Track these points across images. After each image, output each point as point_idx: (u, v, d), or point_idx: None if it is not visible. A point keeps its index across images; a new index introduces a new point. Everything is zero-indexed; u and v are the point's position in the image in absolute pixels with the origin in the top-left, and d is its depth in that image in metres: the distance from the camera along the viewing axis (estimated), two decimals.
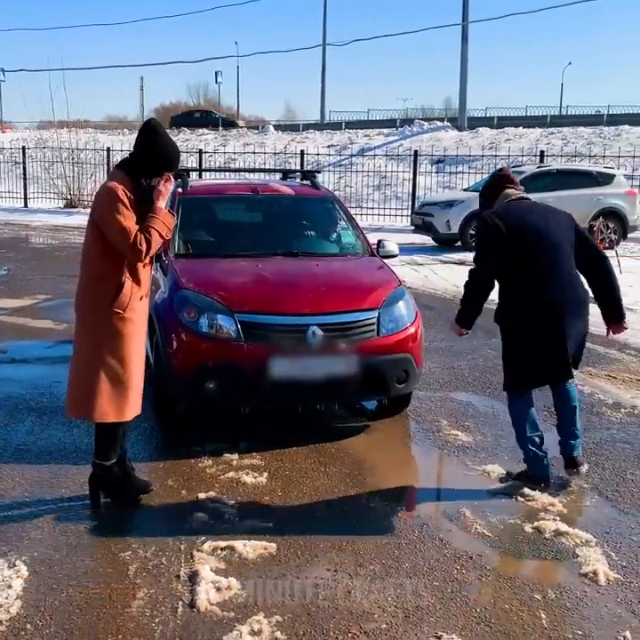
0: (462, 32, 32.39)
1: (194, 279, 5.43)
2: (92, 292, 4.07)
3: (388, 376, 5.23)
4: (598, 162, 20.75)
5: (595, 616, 3.31)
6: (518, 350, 4.50)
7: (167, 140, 4.03)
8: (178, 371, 5.12)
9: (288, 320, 5.09)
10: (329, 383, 5.10)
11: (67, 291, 11.02)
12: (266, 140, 31.54)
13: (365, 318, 5.23)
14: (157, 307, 5.46)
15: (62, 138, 25.58)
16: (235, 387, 5.02)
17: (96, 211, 4.03)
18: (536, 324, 4.40)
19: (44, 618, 3.22)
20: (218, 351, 5.01)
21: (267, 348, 4.98)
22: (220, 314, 5.07)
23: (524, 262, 4.40)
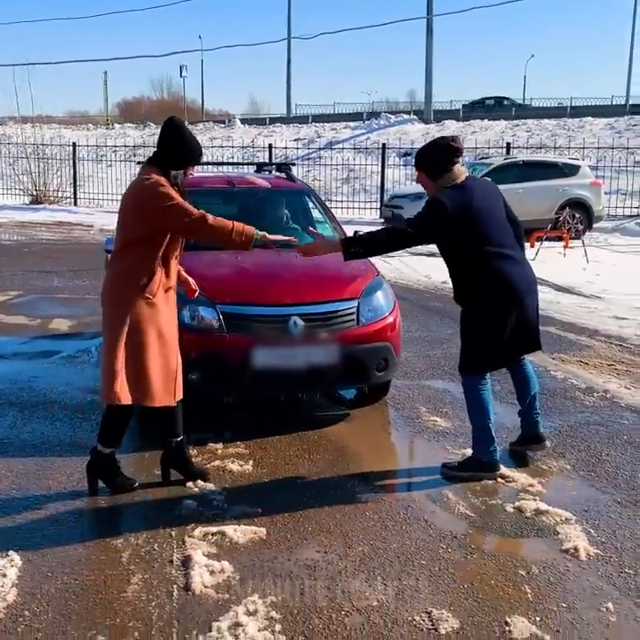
0: (427, 25, 32.59)
1: None
2: (124, 283, 4.11)
3: (368, 364, 5.32)
4: (563, 153, 21.06)
5: (577, 589, 3.43)
6: (486, 329, 4.47)
7: (191, 136, 4.23)
8: None
9: (269, 311, 5.16)
10: (310, 372, 5.17)
11: (38, 286, 11.00)
12: (233, 134, 31.51)
13: (345, 308, 5.32)
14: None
15: (26, 133, 25.30)
16: (218, 377, 5.08)
17: (144, 203, 4.04)
18: (503, 301, 4.41)
19: (41, 604, 3.27)
20: (200, 342, 5.06)
21: (249, 339, 5.04)
22: (202, 305, 5.12)
23: (477, 243, 4.38)
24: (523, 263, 4.59)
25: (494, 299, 4.43)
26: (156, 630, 3.08)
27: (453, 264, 4.55)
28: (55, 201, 24.10)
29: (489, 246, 4.40)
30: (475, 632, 3.09)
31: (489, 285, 4.42)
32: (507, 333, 4.46)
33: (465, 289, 4.54)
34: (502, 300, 4.42)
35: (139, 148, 28.09)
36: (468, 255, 4.44)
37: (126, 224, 4.17)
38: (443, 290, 10.92)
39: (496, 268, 4.40)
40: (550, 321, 8.78)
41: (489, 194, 4.59)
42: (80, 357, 7.22)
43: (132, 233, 4.12)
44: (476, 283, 4.46)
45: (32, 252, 14.90)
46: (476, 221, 4.37)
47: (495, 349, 4.53)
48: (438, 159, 4.49)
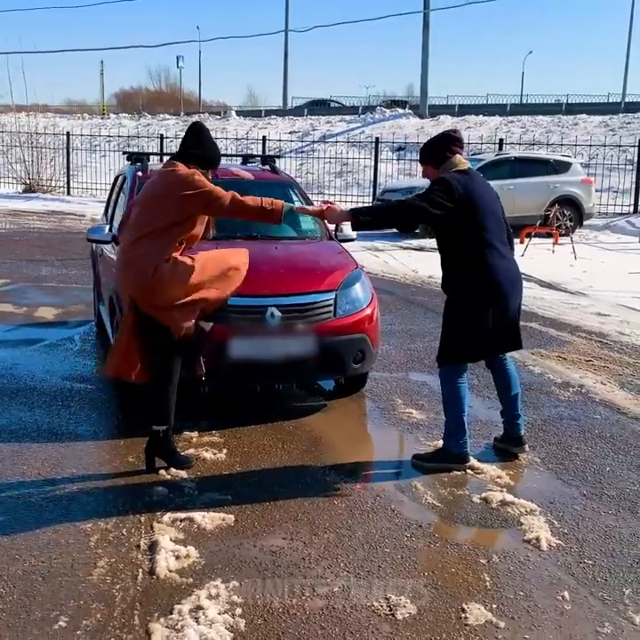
0: (424, 19, 32.58)
1: None
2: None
3: (345, 356, 5.37)
4: (556, 150, 21.11)
5: (536, 578, 3.49)
6: (466, 320, 4.52)
7: (211, 142, 4.59)
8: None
9: (246, 301, 5.18)
10: (287, 363, 5.22)
11: (26, 275, 11.04)
12: (228, 126, 31.47)
13: (322, 300, 5.37)
14: (116, 288, 5.53)
15: (21, 122, 25.28)
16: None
17: (182, 189, 4.27)
18: (489, 293, 4.47)
19: (8, 586, 3.32)
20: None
21: (226, 329, 5.06)
22: None
23: (475, 232, 4.44)
24: (511, 261, 4.64)
25: (479, 289, 4.48)
26: (118, 612, 3.14)
27: (446, 249, 4.59)
28: (48, 190, 24.11)
29: (484, 234, 4.46)
30: (431, 618, 3.16)
31: (476, 274, 4.47)
32: (487, 327, 4.51)
33: (453, 276, 4.58)
34: (486, 291, 4.48)
35: (133, 139, 28.06)
36: (462, 240, 4.49)
37: (155, 211, 4.32)
38: (429, 284, 10.98)
39: (486, 258, 4.46)
40: (533, 316, 8.84)
41: (489, 187, 4.68)
42: (63, 345, 7.26)
43: (161, 220, 4.29)
44: (464, 270, 4.50)
45: (22, 240, 14.92)
46: (476, 207, 4.44)
47: (473, 342, 4.57)
48: (439, 147, 4.62)
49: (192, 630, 3.01)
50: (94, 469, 4.56)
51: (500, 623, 3.12)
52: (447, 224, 4.50)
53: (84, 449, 4.84)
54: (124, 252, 4.48)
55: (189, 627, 3.03)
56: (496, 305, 4.50)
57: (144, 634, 3.00)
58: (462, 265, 4.52)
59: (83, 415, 5.40)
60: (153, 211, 4.35)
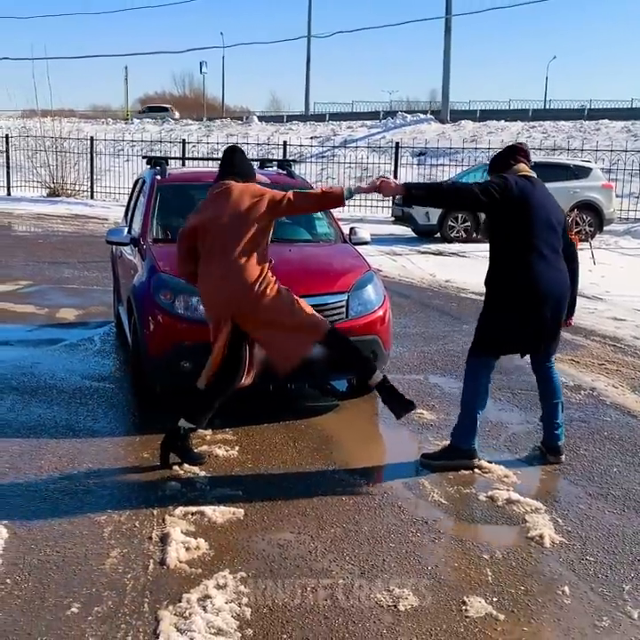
0: (445, 25, 32.62)
1: (171, 263, 5.59)
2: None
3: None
4: (577, 155, 21.09)
5: (537, 574, 3.56)
6: (501, 316, 4.58)
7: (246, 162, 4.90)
8: (154, 350, 5.32)
9: None
10: (299, 363, 5.30)
11: (48, 277, 11.24)
12: (250, 131, 31.70)
13: (335, 301, 5.46)
14: (135, 289, 5.68)
15: (46, 127, 25.63)
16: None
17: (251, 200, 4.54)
18: (526, 296, 4.50)
19: (23, 574, 3.44)
20: (193, 331, 5.20)
21: None
22: (195, 296, 5.24)
23: (524, 234, 4.48)
24: (559, 271, 4.62)
25: (517, 290, 4.52)
26: (128, 600, 3.25)
27: (494, 247, 4.65)
28: (72, 194, 24.44)
29: (533, 239, 4.50)
30: (432, 610, 3.24)
31: (517, 276, 4.50)
32: (517, 328, 4.57)
33: (495, 274, 4.63)
34: (524, 294, 4.51)
35: (156, 144, 28.35)
36: (509, 240, 4.54)
37: (240, 227, 4.50)
38: (446, 288, 11.04)
39: (529, 262, 4.49)
40: None
41: (551, 198, 4.72)
42: (83, 345, 7.41)
43: (247, 232, 4.50)
44: (506, 269, 4.55)
45: (46, 243, 15.16)
46: (529, 211, 4.48)
47: (503, 338, 4.63)
48: (504, 156, 4.75)
49: (199, 618, 3.11)
50: (110, 464, 4.68)
51: (499, 616, 3.20)
52: (496, 220, 4.57)
53: (101, 445, 4.97)
54: (220, 272, 4.52)
55: (197, 614, 3.13)
56: (530, 309, 4.52)
57: (153, 620, 3.11)
58: (506, 264, 4.56)
59: (100, 412, 5.53)
60: (238, 227, 4.51)
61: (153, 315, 5.35)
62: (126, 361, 6.53)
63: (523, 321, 4.56)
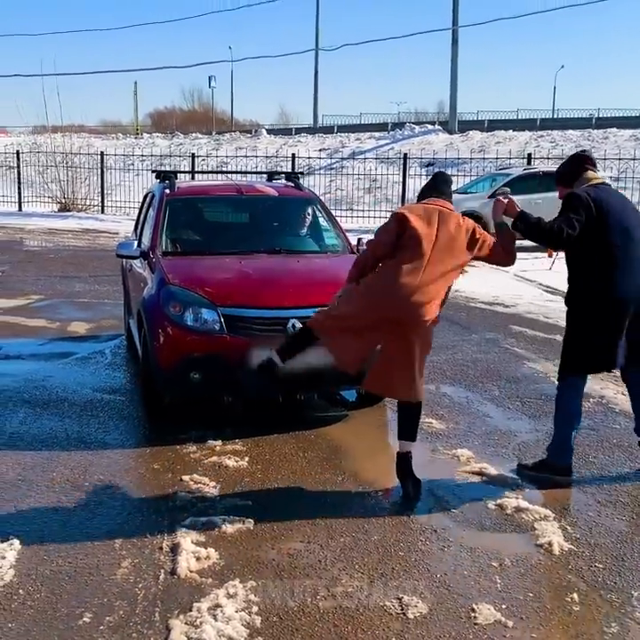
0: (452, 36, 32.74)
1: (180, 275, 5.69)
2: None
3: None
4: None
5: (546, 581, 3.57)
6: (586, 333, 4.52)
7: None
8: (164, 362, 5.37)
9: (269, 313, 5.33)
10: (308, 374, 5.30)
11: (60, 291, 11.32)
12: (258, 144, 31.86)
13: None
14: (145, 302, 5.73)
15: (56, 142, 25.85)
16: (218, 377, 5.28)
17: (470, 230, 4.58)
18: (605, 310, 4.44)
19: (36, 584, 3.48)
20: (202, 343, 5.26)
21: (249, 340, 5.22)
22: (204, 308, 5.32)
23: (603, 248, 4.42)
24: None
25: (599, 301, 4.45)
26: (139, 609, 3.28)
27: (574, 261, 4.57)
28: (83, 209, 24.61)
29: (614, 249, 4.43)
30: (441, 617, 3.25)
31: (601, 290, 4.44)
32: (603, 341, 4.50)
33: (576, 287, 4.56)
34: (606, 305, 4.45)
35: (165, 158, 28.53)
36: (591, 251, 4.45)
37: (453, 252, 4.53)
38: (455, 298, 11.03)
39: (613, 273, 4.42)
40: (558, 329, 8.86)
41: (627, 202, 4.68)
42: (94, 359, 7.46)
43: (457, 259, 4.58)
44: (589, 283, 4.46)
45: (57, 258, 15.26)
46: (606, 218, 4.41)
47: (590, 355, 4.57)
48: (570, 167, 4.73)
49: (210, 626, 3.14)
50: (120, 476, 4.71)
51: (508, 622, 3.21)
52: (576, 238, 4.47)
53: (112, 457, 5.01)
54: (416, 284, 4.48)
55: (207, 623, 3.16)
56: (614, 320, 4.46)
57: (164, 629, 3.14)
58: (587, 278, 4.48)
59: (111, 425, 5.57)
60: (452, 251, 4.53)
61: (162, 327, 5.40)
62: (137, 373, 6.57)
63: (612, 334, 4.47)
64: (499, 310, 10.21)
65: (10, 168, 26.50)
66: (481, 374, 7.01)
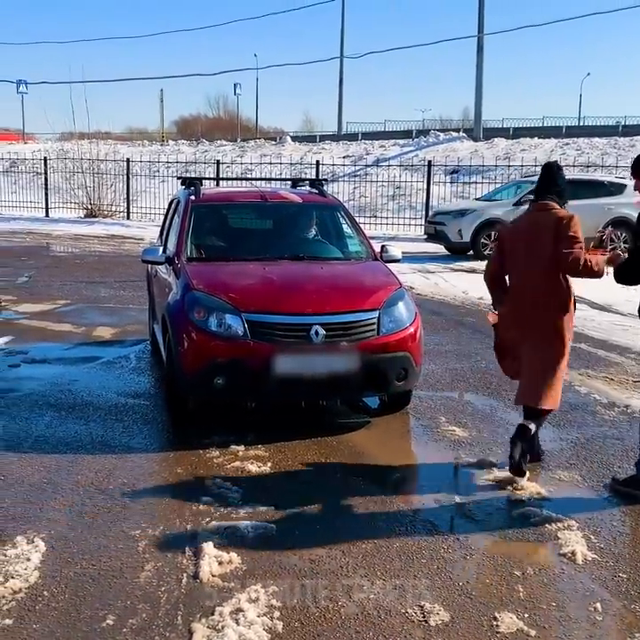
0: (478, 43, 32.66)
1: (204, 281, 5.73)
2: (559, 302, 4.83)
3: (388, 373, 5.49)
4: (611, 172, 20.93)
5: (569, 590, 3.55)
6: None
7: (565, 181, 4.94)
8: (188, 367, 5.41)
9: (292, 319, 5.36)
10: (331, 380, 5.36)
11: (85, 296, 11.41)
12: (283, 151, 31.93)
13: (366, 318, 5.49)
14: (170, 307, 5.79)
15: (83, 149, 26.07)
16: (242, 382, 5.31)
17: (571, 230, 4.66)
18: None
19: (60, 586, 3.51)
20: (226, 348, 5.29)
21: (272, 346, 5.24)
22: (228, 313, 5.36)
23: None
24: None
25: None
26: (162, 612, 3.30)
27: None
28: (109, 215, 24.80)
29: None
30: (463, 625, 3.24)
31: None
32: None
33: None
34: None
35: (191, 164, 28.70)
36: None
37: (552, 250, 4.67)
38: (478, 306, 11.01)
39: None
40: (582, 337, 8.83)
41: None
42: (119, 363, 7.52)
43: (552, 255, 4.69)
44: None
45: (82, 263, 15.40)
46: None
47: None
48: None
49: (231, 630, 3.15)
50: (144, 480, 4.75)
51: (531, 632, 3.20)
52: None
53: (136, 461, 5.04)
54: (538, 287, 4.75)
55: (229, 627, 3.17)
56: None
57: (186, 632, 3.16)
58: None
59: (135, 429, 5.61)
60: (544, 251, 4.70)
61: (187, 332, 5.44)
62: (161, 378, 6.62)
63: None
64: None
65: (37, 174, 26.80)
66: (505, 382, 6.93)
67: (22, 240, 19.60)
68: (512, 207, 16.25)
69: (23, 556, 3.74)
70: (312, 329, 5.29)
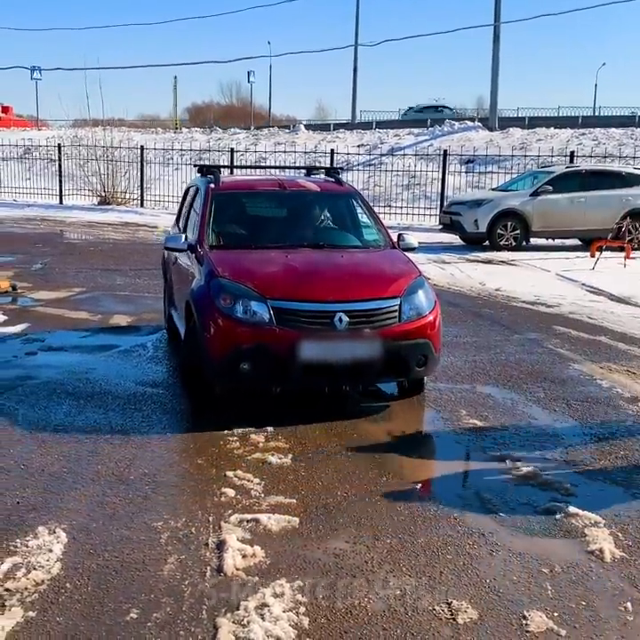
0: (494, 32, 32.32)
1: (229, 268, 5.78)
2: None
3: (409, 360, 5.59)
4: (629, 163, 20.74)
5: (598, 589, 3.49)
6: None
7: None
8: (215, 353, 5.46)
9: (317, 306, 5.43)
10: (354, 366, 5.45)
11: (101, 284, 11.39)
12: (297, 140, 31.77)
13: (388, 306, 5.57)
14: (194, 294, 5.84)
15: (97, 136, 26.04)
16: (267, 368, 5.38)
17: None
18: None
19: (83, 578, 3.48)
20: (252, 335, 5.37)
21: (297, 333, 5.32)
22: (254, 300, 5.42)
23: None
24: None
25: None
26: (186, 607, 3.26)
27: None
28: (122, 202, 24.78)
29: None
30: (492, 623, 3.19)
31: None
32: None
33: None
34: None
35: (204, 152, 28.62)
36: None
37: None
38: (495, 297, 10.93)
39: None
40: (602, 330, 8.75)
41: None
42: (136, 352, 7.49)
43: None
44: None
45: (97, 251, 15.38)
46: None
47: None
48: None
49: (257, 626, 3.11)
50: (165, 470, 4.71)
51: (561, 631, 3.14)
52: None
53: (156, 451, 5.01)
54: None
55: (255, 622, 3.13)
56: None
57: (211, 628, 3.12)
58: None
59: (154, 418, 5.58)
60: None
61: (213, 319, 5.50)
62: (179, 366, 6.59)
63: None
64: (541, 310, 10.06)
65: (51, 161, 26.83)
66: (525, 375, 6.91)
67: (36, 227, 19.61)
68: (529, 198, 16.15)
69: (45, 547, 3.72)
70: (336, 316, 5.37)
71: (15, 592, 3.35)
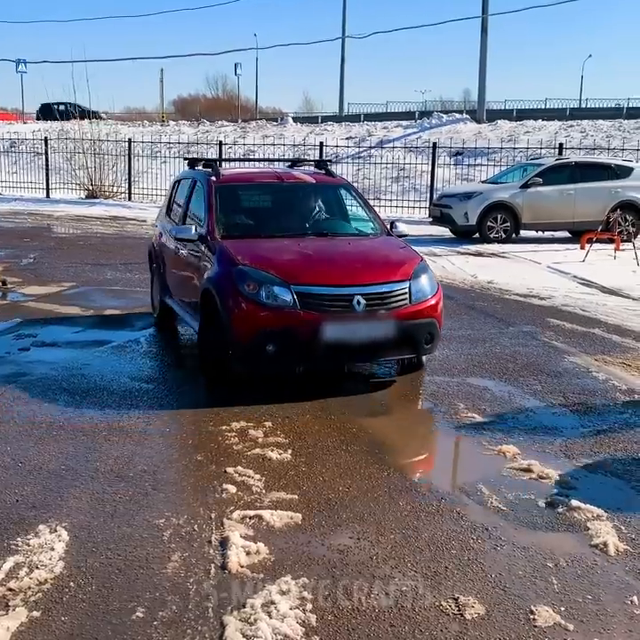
0: (482, 24, 32.29)
1: (248, 256, 6.09)
2: None
3: (419, 338, 6.00)
4: (617, 155, 20.79)
5: (604, 583, 3.49)
6: None
7: None
8: (242, 337, 5.74)
9: (337, 290, 5.82)
10: (370, 344, 5.83)
11: (91, 278, 11.32)
12: (285, 132, 31.66)
13: (399, 288, 5.99)
14: (214, 281, 6.10)
15: (84, 129, 25.84)
16: (292, 349, 5.68)
17: None
18: None
19: (86, 577, 3.45)
20: (277, 318, 5.68)
21: (320, 315, 5.66)
22: (278, 286, 5.74)
23: None
24: None
25: None
26: (192, 605, 3.24)
27: None
28: (110, 196, 24.61)
29: None
30: (500, 619, 3.18)
31: None
32: None
33: None
34: None
35: (192, 145, 28.48)
36: None
37: None
38: (488, 290, 10.93)
39: None
40: (596, 322, 8.76)
41: None
42: (130, 347, 7.44)
43: None
44: None
45: (86, 245, 15.26)
46: None
47: None
48: None
49: (265, 624, 3.09)
50: (164, 467, 4.68)
51: (569, 625, 3.14)
52: None
53: (154, 447, 4.98)
54: None
55: (262, 620, 3.11)
56: None
57: (218, 626, 3.10)
58: None
59: (151, 414, 5.54)
60: None
61: (238, 305, 5.80)
62: (199, 349, 6.57)
63: None
64: (534, 303, 10.07)
65: (37, 154, 26.59)
66: (521, 368, 6.91)
67: (24, 221, 19.45)
68: (519, 190, 16.15)
69: (47, 546, 3.68)
70: (354, 299, 5.77)
71: (19, 592, 3.32)
